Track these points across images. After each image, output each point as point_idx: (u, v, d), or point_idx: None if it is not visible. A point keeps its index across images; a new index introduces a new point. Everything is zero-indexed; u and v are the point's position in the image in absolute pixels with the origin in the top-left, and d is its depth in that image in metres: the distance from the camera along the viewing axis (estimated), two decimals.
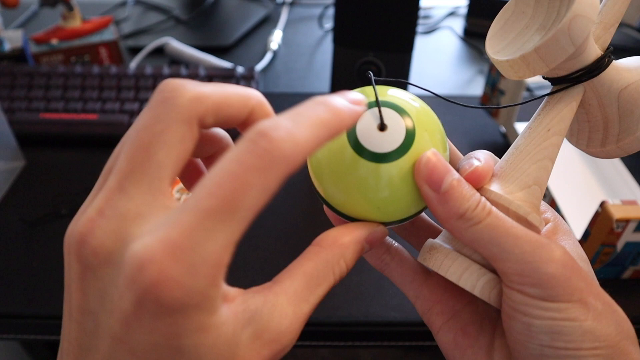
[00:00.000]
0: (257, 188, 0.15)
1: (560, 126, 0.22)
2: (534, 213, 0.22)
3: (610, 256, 0.42)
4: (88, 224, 0.17)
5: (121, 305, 0.16)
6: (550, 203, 0.49)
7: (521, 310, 0.20)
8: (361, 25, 0.57)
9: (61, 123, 0.59)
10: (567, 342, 0.19)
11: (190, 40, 0.79)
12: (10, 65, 0.64)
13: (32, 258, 0.46)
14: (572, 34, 0.20)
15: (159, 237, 0.15)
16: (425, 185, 0.21)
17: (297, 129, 0.16)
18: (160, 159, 0.17)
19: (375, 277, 0.45)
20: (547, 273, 0.19)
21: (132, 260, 0.15)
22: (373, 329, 0.43)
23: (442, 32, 0.86)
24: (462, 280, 0.21)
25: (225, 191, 0.15)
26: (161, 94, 0.17)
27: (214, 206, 0.15)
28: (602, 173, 0.55)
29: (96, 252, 0.16)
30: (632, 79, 0.22)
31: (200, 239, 0.15)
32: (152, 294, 0.15)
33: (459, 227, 0.21)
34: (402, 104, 0.22)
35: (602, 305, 0.20)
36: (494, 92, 0.59)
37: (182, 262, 0.15)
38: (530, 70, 0.21)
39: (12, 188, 0.54)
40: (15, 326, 0.43)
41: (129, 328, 0.16)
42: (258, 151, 0.15)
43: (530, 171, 0.22)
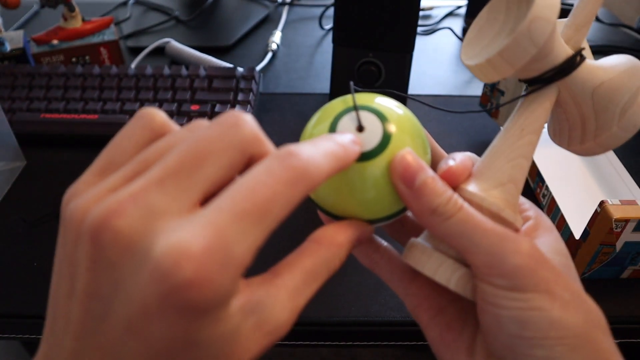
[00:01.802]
0: (284, 198, 0.17)
1: (535, 125, 0.23)
2: (508, 209, 0.23)
3: (610, 256, 0.42)
4: (116, 208, 0.16)
5: (143, 298, 0.16)
6: (550, 203, 0.49)
7: (491, 301, 0.21)
8: (361, 25, 0.57)
9: (62, 123, 0.59)
10: (534, 331, 0.20)
11: (191, 41, 0.79)
12: (11, 66, 0.64)
13: (32, 258, 0.47)
14: (532, 35, 0.21)
15: (194, 232, 0.16)
16: (400, 181, 0.22)
17: (317, 155, 0.18)
18: (209, 173, 0.17)
19: (375, 277, 0.45)
20: (513, 264, 0.20)
21: (166, 254, 0.15)
22: (373, 329, 0.43)
23: (442, 33, 0.86)
24: (438, 275, 0.23)
25: (257, 196, 0.16)
26: (233, 118, 0.18)
27: (247, 209, 0.16)
28: (601, 173, 0.55)
29: (117, 239, 0.16)
30: (605, 77, 0.23)
31: (232, 239, 0.16)
32: (185, 291, 0.15)
33: (432, 222, 0.22)
34: (381, 109, 0.23)
35: (569, 295, 0.21)
36: (493, 92, 0.60)
37: (217, 261, 0.16)
38: (498, 72, 0.22)
39: (12, 188, 0.54)
40: (16, 326, 0.43)
41: (148, 321, 0.16)
42: (287, 166, 0.17)
43: (505, 169, 0.23)
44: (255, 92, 0.64)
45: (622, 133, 0.23)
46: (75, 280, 0.18)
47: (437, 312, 0.25)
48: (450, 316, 0.25)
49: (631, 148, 0.61)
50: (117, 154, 0.20)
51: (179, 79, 0.63)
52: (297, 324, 0.42)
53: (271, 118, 0.65)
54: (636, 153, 0.60)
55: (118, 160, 0.19)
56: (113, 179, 0.18)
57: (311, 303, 0.43)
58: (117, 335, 0.17)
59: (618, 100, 0.22)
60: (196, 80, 0.63)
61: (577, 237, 0.44)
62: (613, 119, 0.23)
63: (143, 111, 0.20)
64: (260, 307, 0.18)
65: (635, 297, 0.44)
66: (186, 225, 0.16)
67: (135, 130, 0.20)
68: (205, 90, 0.62)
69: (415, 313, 0.26)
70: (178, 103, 0.61)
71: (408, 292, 0.26)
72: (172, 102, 0.61)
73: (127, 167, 0.19)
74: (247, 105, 0.61)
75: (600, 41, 0.83)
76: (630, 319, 0.43)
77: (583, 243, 0.43)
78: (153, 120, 0.20)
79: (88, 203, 0.17)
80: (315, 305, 0.43)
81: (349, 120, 0.23)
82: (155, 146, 0.19)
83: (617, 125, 0.23)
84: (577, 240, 0.44)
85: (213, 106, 0.60)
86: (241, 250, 0.16)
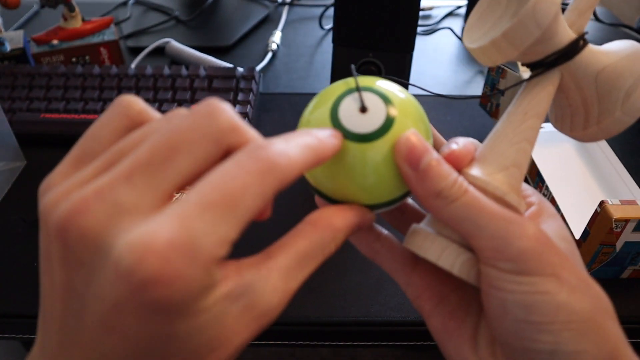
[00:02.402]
0: (254, 190, 0.17)
1: (537, 109, 0.23)
2: (512, 193, 0.22)
3: (610, 256, 0.42)
4: (80, 204, 0.16)
5: (114, 295, 0.15)
6: (550, 202, 0.49)
7: (496, 285, 0.21)
8: (361, 25, 0.57)
9: (62, 123, 0.59)
10: (541, 315, 0.20)
11: (191, 41, 0.79)
12: (11, 66, 0.64)
13: (32, 258, 0.47)
14: (537, 16, 0.21)
15: (159, 227, 0.15)
16: (405, 163, 0.21)
17: (290, 148, 0.18)
18: (181, 166, 0.17)
19: (375, 277, 0.45)
20: (520, 247, 0.20)
21: (130, 250, 0.15)
22: (373, 328, 0.43)
23: (442, 33, 0.86)
24: (441, 260, 0.22)
25: (225, 188, 0.16)
26: (208, 107, 0.18)
27: (214, 200, 0.16)
28: (601, 173, 0.55)
29: (83, 235, 0.16)
30: (608, 61, 0.22)
31: (200, 232, 0.15)
32: (152, 288, 0.15)
33: (437, 205, 0.21)
34: (384, 92, 0.23)
35: (576, 280, 0.20)
36: (493, 92, 0.60)
37: (184, 255, 0.15)
38: (502, 55, 0.22)
39: (12, 188, 0.54)
40: (16, 326, 0.43)
41: (122, 318, 0.16)
42: (257, 158, 0.17)
43: (508, 153, 0.23)
44: (255, 92, 0.64)
45: (625, 117, 0.22)
46: (53, 273, 0.17)
47: (440, 301, 0.25)
48: (452, 305, 0.24)
49: (631, 148, 0.61)
50: (94, 144, 0.19)
51: (179, 79, 0.63)
52: (297, 324, 0.42)
53: (271, 118, 0.65)
54: (636, 153, 0.60)
55: (94, 149, 0.19)
56: (85, 172, 0.18)
57: (311, 303, 0.43)
58: (95, 331, 0.16)
59: (622, 84, 0.22)
60: (196, 80, 0.63)
61: (577, 237, 0.44)
62: (616, 104, 0.22)
63: (120, 98, 0.20)
64: (249, 291, 0.18)
65: (635, 297, 0.44)
66: (151, 220, 0.16)
67: (112, 118, 0.19)
68: (205, 90, 0.62)
69: (418, 302, 0.25)
70: (178, 103, 0.61)
71: (410, 281, 0.25)
72: (172, 102, 0.61)
73: (100, 159, 0.18)
74: (247, 105, 0.61)
75: (600, 41, 0.83)
76: (630, 319, 0.43)
77: (583, 243, 0.43)
78: (130, 108, 0.19)
79: (57, 197, 0.17)
80: (315, 305, 0.43)
81: (352, 101, 0.22)
82: (130, 137, 0.18)
83: (620, 109, 0.22)
84: (577, 240, 0.44)
85: None
86: (210, 242, 0.16)
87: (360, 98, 0.22)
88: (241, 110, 0.60)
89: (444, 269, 0.22)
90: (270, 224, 0.50)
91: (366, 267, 0.46)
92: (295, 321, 0.43)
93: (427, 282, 0.25)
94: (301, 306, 0.43)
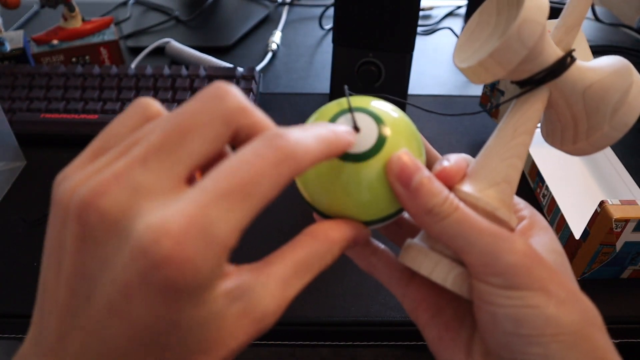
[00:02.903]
0: (270, 179, 0.17)
1: (527, 126, 0.24)
2: (503, 208, 0.23)
3: (610, 256, 0.42)
4: (100, 187, 0.16)
5: (125, 277, 0.16)
6: (550, 203, 0.49)
7: (487, 300, 0.21)
8: (361, 25, 0.57)
9: (62, 123, 0.59)
10: (530, 328, 0.20)
11: (191, 41, 0.79)
12: (11, 66, 0.64)
13: (32, 258, 0.47)
14: (522, 37, 0.21)
15: (176, 211, 0.16)
16: (397, 182, 0.22)
17: (306, 138, 0.18)
18: (193, 148, 0.17)
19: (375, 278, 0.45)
20: (509, 262, 0.21)
21: (147, 232, 0.15)
22: (373, 329, 0.43)
23: (442, 33, 0.86)
24: (434, 274, 0.23)
25: (242, 176, 0.16)
26: (216, 90, 0.18)
27: (230, 188, 0.16)
28: (601, 173, 0.55)
29: (103, 218, 0.16)
30: (595, 78, 0.23)
31: (215, 218, 0.16)
32: (163, 268, 0.15)
33: (428, 222, 0.22)
34: (376, 111, 0.23)
35: (565, 293, 0.21)
36: (493, 92, 0.60)
37: (198, 239, 0.15)
38: (490, 74, 0.23)
39: (12, 188, 0.54)
40: (16, 326, 0.43)
41: (129, 300, 0.16)
42: (274, 147, 0.17)
43: (499, 169, 0.23)
44: (255, 92, 0.64)
45: (613, 132, 0.23)
46: (63, 260, 0.18)
47: (435, 313, 0.25)
48: (448, 316, 0.25)
49: (631, 148, 0.61)
50: (110, 139, 0.19)
51: (179, 79, 0.63)
52: (297, 324, 0.42)
53: (271, 118, 0.65)
54: (636, 153, 0.60)
55: (110, 145, 0.19)
56: (101, 161, 0.18)
57: (311, 303, 0.43)
58: (100, 315, 0.17)
59: (609, 100, 0.23)
60: (196, 80, 0.63)
61: (577, 237, 0.44)
62: (604, 119, 0.23)
63: (139, 100, 0.20)
64: (248, 294, 0.18)
65: (635, 297, 0.44)
66: (169, 204, 0.16)
67: (129, 117, 0.20)
68: None
69: (414, 314, 0.26)
70: (178, 103, 0.61)
71: (406, 293, 0.26)
72: (172, 102, 0.61)
73: (116, 149, 0.18)
74: None
75: (600, 41, 0.83)
76: (630, 319, 0.43)
77: (583, 243, 0.43)
78: (148, 109, 0.20)
79: (75, 184, 0.17)
80: (315, 305, 0.43)
81: (344, 121, 0.23)
82: (144, 128, 0.19)
83: (608, 124, 0.23)
84: (577, 240, 0.44)
85: None
86: (225, 229, 0.16)
87: (352, 118, 0.23)
88: None
89: (437, 283, 0.23)
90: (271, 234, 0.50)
91: None
92: (295, 321, 0.43)
93: (422, 295, 0.26)
94: (301, 306, 0.43)
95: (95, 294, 0.17)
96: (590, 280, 0.45)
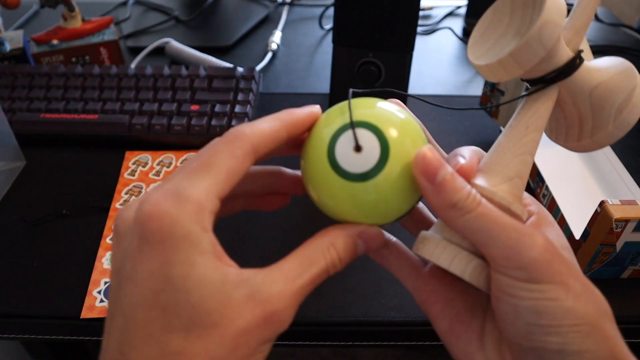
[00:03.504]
0: (224, 153, 0.22)
1: (538, 123, 0.24)
2: (517, 203, 0.24)
3: (610, 256, 0.42)
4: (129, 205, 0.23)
5: (130, 245, 0.20)
6: (550, 203, 0.49)
7: (508, 292, 0.22)
8: (361, 25, 0.57)
9: (61, 123, 0.59)
10: (550, 319, 0.22)
11: (191, 41, 0.79)
12: (11, 66, 0.64)
13: (32, 258, 0.47)
14: (542, 38, 0.22)
15: (159, 189, 0.21)
16: (422, 177, 0.23)
17: (258, 122, 0.23)
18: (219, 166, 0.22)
19: (375, 277, 0.45)
20: (531, 257, 0.22)
21: (137, 209, 0.20)
22: (373, 328, 0.43)
23: (442, 33, 0.86)
24: (453, 266, 0.24)
25: (201, 157, 0.22)
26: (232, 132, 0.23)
27: (195, 166, 0.21)
28: (601, 173, 0.55)
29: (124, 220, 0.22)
30: (601, 78, 0.24)
31: (185, 186, 0.21)
32: (146, 224, 0.20)
33: (452, 216, 0.23)
34: (377, 123, 0.24)
35: (581, 287, 0.22)
36: (493, 92, 0.60)
37: (170, 200, 0.20)
38: (507, 73, 0.24)
39: (12, 188, 0.54)
40: (16, 326, 0.43)
41: (134, 264, 0.20)
42: (226, 134, 0.22)
43: (512, 165, 0.24)
44: (255, 92, 0.64)
45: (617, 131, 0.24)
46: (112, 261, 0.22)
47: (446, 305, 0.26)
48: (458, 308, 0.26)
49: (631, 148, 0.61)
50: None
51: (179, 79, 0.63)
52: (297, 324, 0.42)
53: None
54: (636, 153, 0.60)
55: None
56: None
57: (311, 303, 0.43)
58: (116, 285, 0.21)
59: (614, 100, 0.24)
60: (196, 80, 0.63)
61: (577, 237, 0.44)
62: (609, 118, 0.24)
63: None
64: (250, 281, 0.21)
65: (635, 297, 0.44)
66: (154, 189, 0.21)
67: None
68: (205, 90, 0.62)
69: (425, 306, 0.27)
70: (178, 103, 0.61)
71: (417, 285, 0.27)
72: (172, 102, 0.61)
73: None
74: (247, 105, 0.61)
75: (600, 41, 0.83)
76: (630, 319, 0.43)
77: (583, 243, 0.43)
78: None
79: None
80: (315, 305, 0.43)
81: (346, 141, 0.23)
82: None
83: (613, 124, 0.24)
84: (578, 240, 0.44)
85: (213, 106, 0.60)
86: (195, 192, 0.20)
87: (354, 137, 0.23)
88: (241, 110, 0.60)
89: (455, 275, 0.24)
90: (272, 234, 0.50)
91: (366, 267, 0.46)
92: (295, 321, 0.42)
93: (433, 287, 0.26)
94: (301, 306, 0.43)
95: (120, 276, 0.21)
96: (590, 280, 0.45)
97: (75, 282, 0.44)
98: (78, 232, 0.49)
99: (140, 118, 0.59)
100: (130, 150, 0.58)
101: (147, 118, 0.59)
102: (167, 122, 0.58)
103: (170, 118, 0.59)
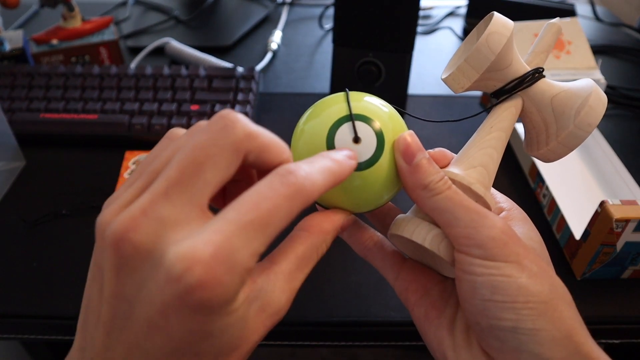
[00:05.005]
0: (283, 211, 0.19)
1: (502, 124, 0.28)
2: (478, 184, 0.26)
3: (610, 256, 0.42)
4: (131, 222, 0.19)
5: (163, 298, 0.18)
6: (550, 203, 0.49)
7: (467, 270, 0.24)
8: (361, 25, 0.57)
9: (61, 123, 0.59)
10: (504, 295, 0.23)
11: (191, 41, 0.79)
12: (11, 66, 0.64)
13: (32, 258, 0.47)
14: (490, 44, 0.26)
15: (203, 240, 0.18)
16: (401, 158, 0.25)
17: (313, 173, 0.21)
18: (208, 178, 0.19)
19: (375, 277, 0.45)
20: (489, 236, 0.24)
21: (179, 261, 0.18)
22: (373, 329, 0.43)
23: (442, 32, 0.86)
24: (415, 235, 0.26)
25: (260, 209, 0.19)
26: (222, 120, 0.20)
27: (250, 220, 0.19)
28: (601, 173, 0.55)
29: (136, 249, 0.19)
30: (561, 88, 0.28)
31: (238, 246, 0.18)
32: (197, 291, 0.18)
33: (423, 196, 0.25)
34: (371, 115, 0.26)
35: (537, 268, 0.24)
36: None
37: (224, 265, 0.18)
38: (466, 78, 0.27)
39: (12, 188, 0.54)
40: (15, 326, 0.43)
41: (168, 318, 0.18)
42: (286, 183, 0.20)
43: (476, 156, 0.27)
44: (255, 92, 0.64)
45: (579, 131, 0.27)
46: (104, 282, 0.20)
47: (423, 293, 0.28)
48: (434, 297, 0.28)
49: (631, 148, 0.61)
50: (144, 167, 0.22)
51: (179, 79, 0.63)
52: (297, 324, 0.42)
53: (271, 118, 0.65)
54: (636, 153, 0.60)
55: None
56: (129, 192, 0.21)
57: (311, 303, 0.43)
58: (142, 331, 0.19)
59: (572, 104, 0.27)
60: (196, 80, 0.63)
61: (578, 238, 0.44)
62: (570, 120, 0.27)
63: (169, 130, 0.23)
64: (262, 293, 0.21)
65: (635, 297, 0.44)
66: (195, 233, 0.18)
67: (160, 146, 0.23)
68: (205, 90, 0.62)
69: (404, 296, 0.29)
70: (178, 103, 0.61)
71: (397, 276, 0.29)
72: (172, 102, 0.61)
73: (140, 179, 0.21)
74: (247, 105, 0.61)
75: (600, 41, 0.83)
76: (630, 319, 0.43)
77: (583, 243, 0.43)
78: (172, 133, 0.23)
79: (108, 216, 0.20)
80: (315, 305, 0.43)
81: (345, 132, 0.25)
82: (161, 156, 0.21)
83: (573, 124, 0.27)
84: (578, 241, 0.44)
85: (213, 106, 0.60)
86: (245, 255, 0.18)
87: (354, 130, 0.25)
88: (241, 110, 0.60)
89: (417, 243, 0.26)
90: None
91: (366, 267, 0.46)
92: (295, 321, 0.43)
93: (412, 277, 0.29)
94: (301, 306, 0.43)
95: (134, 313, 0.19)
96: (590, 280, 0.45)
97: (75, 282, 0.44)
98: (78, 232, 0.49)
99: (140, 118, 0.59)
100: (130, 150, 0.58)
101: (147, 118, 0.59)
102: (167, 122, 0.58)
103: (170, 118, 0.59)
